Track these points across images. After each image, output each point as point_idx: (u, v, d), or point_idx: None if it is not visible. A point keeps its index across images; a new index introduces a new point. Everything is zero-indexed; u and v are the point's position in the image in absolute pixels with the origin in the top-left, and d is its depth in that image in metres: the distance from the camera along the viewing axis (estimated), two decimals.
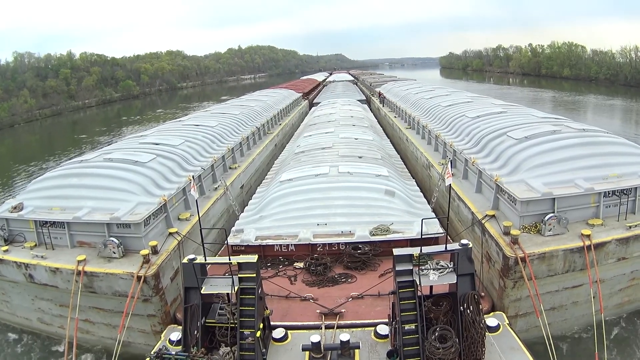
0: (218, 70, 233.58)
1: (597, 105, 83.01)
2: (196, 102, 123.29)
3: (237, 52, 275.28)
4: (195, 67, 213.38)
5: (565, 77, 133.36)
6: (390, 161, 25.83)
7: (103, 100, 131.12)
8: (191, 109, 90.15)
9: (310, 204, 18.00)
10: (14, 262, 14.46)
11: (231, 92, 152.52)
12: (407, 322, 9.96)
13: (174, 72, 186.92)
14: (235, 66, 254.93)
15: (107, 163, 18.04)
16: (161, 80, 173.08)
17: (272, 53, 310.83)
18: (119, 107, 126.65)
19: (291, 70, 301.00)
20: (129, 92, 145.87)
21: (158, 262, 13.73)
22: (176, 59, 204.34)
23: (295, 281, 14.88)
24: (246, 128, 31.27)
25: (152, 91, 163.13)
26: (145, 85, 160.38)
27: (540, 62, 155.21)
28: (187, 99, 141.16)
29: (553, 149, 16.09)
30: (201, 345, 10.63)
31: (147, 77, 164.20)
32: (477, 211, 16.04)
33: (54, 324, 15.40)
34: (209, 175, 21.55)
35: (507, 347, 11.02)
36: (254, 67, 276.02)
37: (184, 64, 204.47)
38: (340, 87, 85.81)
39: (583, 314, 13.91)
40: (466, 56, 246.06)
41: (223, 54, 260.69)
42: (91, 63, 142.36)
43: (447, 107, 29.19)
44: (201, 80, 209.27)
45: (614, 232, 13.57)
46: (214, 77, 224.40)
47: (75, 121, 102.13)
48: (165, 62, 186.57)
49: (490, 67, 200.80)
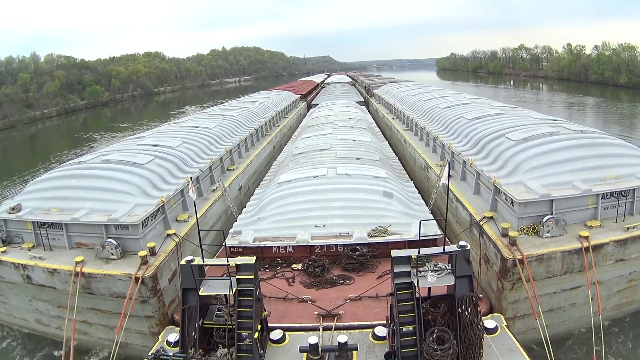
0: (200, 73, 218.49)
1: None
2: (176, 109, 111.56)
3: (221, 53, 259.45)
4: (175, 70, 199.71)
5: (622, 84, 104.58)
6: (389, 163, 25.83)
7: (66, 109, 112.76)
8: (169, 118, 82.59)
9: (308, 206, 18.00)
10: (11, 263, 14.44)
11: (214, 96, 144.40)
12: (405, 323, 9.95)
13: (151, 75, 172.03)
14: (219, 68, 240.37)
15: (105, 164, 18.03)
16: (135, 85, 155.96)
17: (258, 55, 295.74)
18: (85, 116, 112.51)
19: (278, 73, 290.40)
20: (97, 99, 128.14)
21: (156, 263, 13.71)
22: (154, 60, 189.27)
23: (293, 283, 14.86)
24: (244, 130, 31.29)
25: (124, 97, 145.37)
26: (116, 91, 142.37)
27: (586, 65, 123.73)
28: (164, 106, 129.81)
29: (551, 150, 16.12)
30: (199, 346, 10.61)
31: (118, 81, 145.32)
32: (475, 213, 16.05)
33: (51, 325, 15.36)
34: (207, 177, 21.54)
35: (505, 349, 11.02)
36: (239, 69, 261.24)
37: (162, 66, 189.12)
38: (339, 88, 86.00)
39: (581, 316, 13.92)
40: (476, 57, 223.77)
41: (206, 56, 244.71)
42: (57, 66, 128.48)
43: (445, 108, 29.23)
44: (181, 84, 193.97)
45: (612, 233, 13.59)
46: (195, 81, 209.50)
47: (33, 135, 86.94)
48: (141, 65, 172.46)
49: (510, 70, 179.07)
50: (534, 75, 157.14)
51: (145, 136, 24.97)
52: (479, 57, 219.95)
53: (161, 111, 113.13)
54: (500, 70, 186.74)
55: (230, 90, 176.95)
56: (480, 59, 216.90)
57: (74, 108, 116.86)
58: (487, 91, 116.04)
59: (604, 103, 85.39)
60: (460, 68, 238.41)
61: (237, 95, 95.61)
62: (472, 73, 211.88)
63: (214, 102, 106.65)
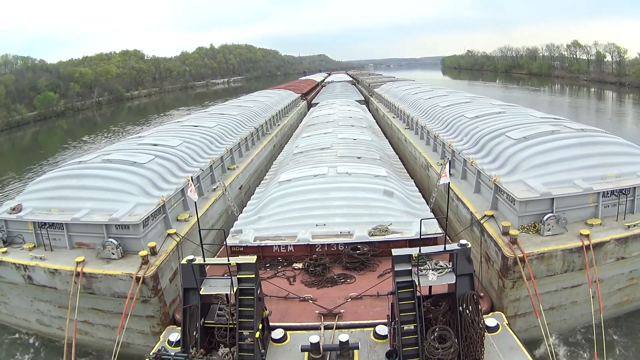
0: (183, 74, 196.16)
1: None
2: (155, 118, 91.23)
3: (208, 51, 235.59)
4: (153, 70, 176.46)
5: None
6: (389, 162, 25.83)
7: (9, 122, 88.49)
8: (144, 125, 73.34)
9: (309, 205, 18.00)
10: (12, 263, 14.45)
11: (199, 99, 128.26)
12: (406, 322, 9.96)
13: (124, 77, 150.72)
14: (205, 68, 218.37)
15: (105, 164, 18.02)
16: (102, 89, 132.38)
17: (250, 53, 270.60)
18: (37, 130, 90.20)
19: (272, 73, 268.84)
20: (49, 108, 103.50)
21: (157, 263, 13.72)
22: (129, 60, 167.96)
23: (294, 282, 14.88)
24: (245, 129, 31.27)
25: (86, 105, 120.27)
26: (76, 97, 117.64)
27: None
28: (138, 114, 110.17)
29: (552, 149, 16.11)
30: (200, 346, 10.63)
31: (78, 86, 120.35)
32: (476, 211, 16.04)
33: (52, 325, 15.38)
34: (208, 176, 21.54)
35: (506, 347, 11.02)
36: (229, 68, 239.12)
37: (138, 66, 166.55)
38: (339, 87, 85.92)
39: (582, 314, 13.93)
40: (506, 55, 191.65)
41: (191, 54, 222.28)
42: (12, 71, 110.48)
43: (445, 107, 29.20)
44: (159, 87, 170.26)
45: (612, 231, 13.59)
46: (177, 82, 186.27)
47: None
48: (114, 65, 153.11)
49: (560, 72, 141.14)
50: (602, 80, 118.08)
51: (145, 136, 24.97)
52: (512, 56, 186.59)
53: (135, 118, 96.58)
54: (547, 72, 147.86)
55: (218, 93, 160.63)
56: (514, 58, 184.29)
57: (20, 121, 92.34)
58: (561, 102, 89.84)
59: None
60: (485, 67, 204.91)
61: (225, 98, 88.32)
62: (502, 73, 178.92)
63: (190, 109, 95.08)
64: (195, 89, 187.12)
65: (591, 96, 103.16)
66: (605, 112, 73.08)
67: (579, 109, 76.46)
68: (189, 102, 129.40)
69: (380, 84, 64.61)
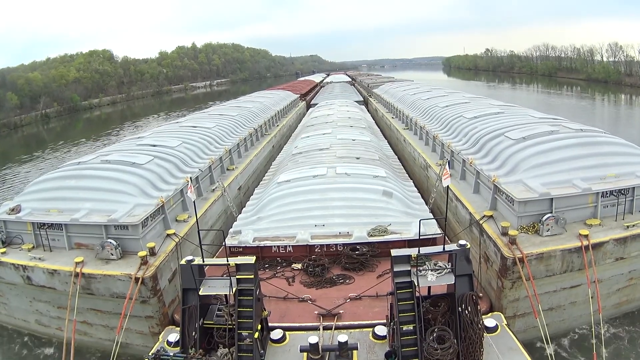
0: (157, 76, 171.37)
1: None
2: (116, 132, 76.38)
3: (190, 51, 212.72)
4: (121, 73, 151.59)
5: None
6: (388, 162, 25.83)
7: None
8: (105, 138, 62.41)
9: (308, 205, 17.99)
10: (11, 264, 14.44)
11: (175, 106, 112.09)
12: (405, 323, 9.95)
13: (84, 81, 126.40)
14: (185, 69, 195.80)
15: (104, 165, 18.03)
16: (50, 98, 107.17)
17: (237, 52, 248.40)
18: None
19: (261, 74, 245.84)
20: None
21: (156, 263, 13.71)
22: (93, 63, 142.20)
23: (293, 282, 14.86)
24: (244, 129, 31.29)
25: (24, 120, 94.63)
26: (11, 110, 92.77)
27: None
28: (101, 126, 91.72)
29: (551, 149, 16.13)
30: (199, 346, 10.61)
31: (16, 97, 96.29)
32: (475, 212, 16.05)
33: (51, 325, 15.36)
34: (207, 177, 21.54)
35: (505, 348, 11.02)
36: (212, 70, 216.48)
37: (102, 68, 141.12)
38: (338, 88, 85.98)
39: (581, 314, 13.93)
40: (547, 56, 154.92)
41: (170, 54, 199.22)
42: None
43: (444, 107, 29.23)
44: (126, 93, 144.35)
45: (611, 232, 13.60)
46: (149, 87, 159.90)
47: None
48: (74, 68, 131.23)
49: (633, 79, 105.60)
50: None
51: (144, 136, 24.96)
52: (554, 56, 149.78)
53: (88, 133, 77.72)
54: (616, 78, 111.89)
55: (199, 98, 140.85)
56: (559, 58, 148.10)
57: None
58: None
59: None
60: (516, 69, 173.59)
61: (207, 103, 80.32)
62: (541, 77, 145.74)
63: (166, 115, 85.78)
64: (171, 94, 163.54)
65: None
66: None
67: None
68: (163, 108, 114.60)
69: (379, 85, 64.67)
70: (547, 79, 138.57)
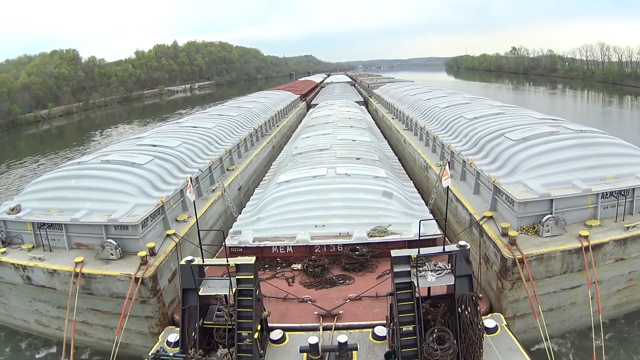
0: (126, 80, 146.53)
1: None
2: (65, 153, 56.36)
3: (169, 49, 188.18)
4: (82, 77, 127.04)
5: None
6: (388, 163, 25.84)
7: None
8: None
9: (308, 206, 18.00)
10: (11, 264, 14.43)
11: (150, 113, 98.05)
12: (405, 323, 9.95)
13: (34, 88, 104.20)
14: (162, 71, 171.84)
15: (104, 165, 18.03)
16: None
17: (224, 51, 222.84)
18: None
19: (251, 76, 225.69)
20: None
21: (156, 263, 13.71)
22: (48, 65, 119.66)
23: (293, 283, 14.86)
24: (244, 130, 31.28)
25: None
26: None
27: None
28: (51, 144, 68.72)
29: (551, 150, 16.13)
30: (199, 346, 10.61)
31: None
32: (475, 212, 16.05)
33: (51, 325, 15.35)
34: (207, 177, 21.53)
35: (505, 349, 11.03)
36: (194, 71, 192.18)
37: (57, 72, 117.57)
38: (338, 88, 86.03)
39: (581, 315, 13.92)
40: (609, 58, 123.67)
41: (146, 54, 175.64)
42: None
43: (444, 108, 29.23)
44: (84, 101, 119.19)
45: (611, 233, 13.59)
46: (115, 92, 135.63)
47: None
48: (25, 72, 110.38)
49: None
50: None
51: (144, 136, 24.97)
52: (617, 60, 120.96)
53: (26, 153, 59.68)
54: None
55: (176, 103, 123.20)
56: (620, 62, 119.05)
57: None
58: None
59: None
60: (562, 73, 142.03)
61: (188, 109, 72.62)
62: (599, 83, 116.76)
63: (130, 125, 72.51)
64: (142, 100, 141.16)
65: None
66: None
67: None
68: (125, 117, 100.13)
69: (379, 85, 64.69)
70: (610, 87, 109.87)
